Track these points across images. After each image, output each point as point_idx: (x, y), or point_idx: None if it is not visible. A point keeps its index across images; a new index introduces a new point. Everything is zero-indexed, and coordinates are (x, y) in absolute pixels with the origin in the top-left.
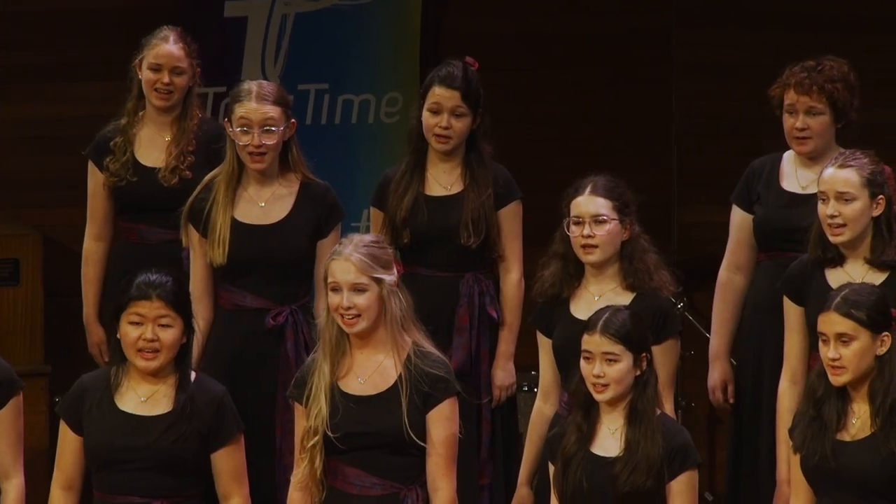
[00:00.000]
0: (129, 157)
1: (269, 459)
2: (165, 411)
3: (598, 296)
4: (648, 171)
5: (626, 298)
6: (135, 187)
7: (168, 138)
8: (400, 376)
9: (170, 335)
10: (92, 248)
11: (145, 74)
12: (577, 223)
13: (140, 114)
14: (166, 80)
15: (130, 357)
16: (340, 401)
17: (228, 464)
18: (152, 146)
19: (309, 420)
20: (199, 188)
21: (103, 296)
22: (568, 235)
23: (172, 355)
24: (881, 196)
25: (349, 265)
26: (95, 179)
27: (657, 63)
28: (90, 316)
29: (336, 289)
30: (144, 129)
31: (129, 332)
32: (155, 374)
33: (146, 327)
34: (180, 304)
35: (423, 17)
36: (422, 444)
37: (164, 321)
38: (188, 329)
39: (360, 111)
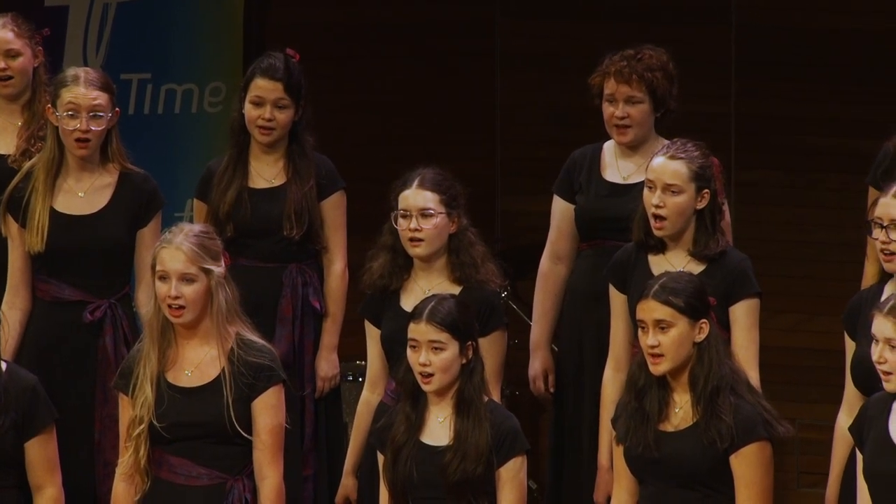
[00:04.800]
0: None
1: (89, 453)
2: None
3: (427, 289)
4: (473, 160)
5: (454, 291)
6: None
7: (20, 124)
8: (223, 368)
9: None
10: None
11: None
12: (404, 216)
13: None
14: (2, 65)
15: None
16: (166, 391)
17: (42, 453)
18: (4, 134)
19: (135, 409)
20: (17, 177)
21: None
22: (396, 228)
23: None
24: (706, 190)
25: (179, 254)
26: None
27: (481, 53)
28: None
29: (164, 277)
30: None
31: None
32: None
33: None
34: None
35: (245, 6)
36: (247, 435)
37: None
38: None
39: (184, 101)
